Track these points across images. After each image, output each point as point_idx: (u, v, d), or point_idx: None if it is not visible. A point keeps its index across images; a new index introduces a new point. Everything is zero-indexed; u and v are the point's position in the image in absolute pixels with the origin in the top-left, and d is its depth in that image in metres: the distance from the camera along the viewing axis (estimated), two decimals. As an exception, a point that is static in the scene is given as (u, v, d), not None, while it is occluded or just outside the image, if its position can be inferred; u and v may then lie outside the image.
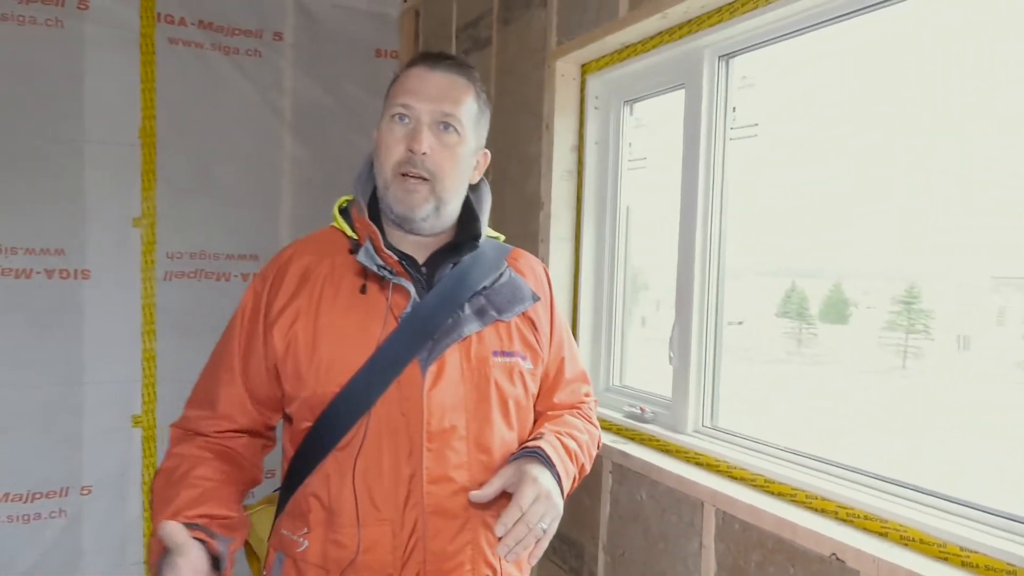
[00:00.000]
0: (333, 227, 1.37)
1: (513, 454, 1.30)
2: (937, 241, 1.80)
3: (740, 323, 2.92)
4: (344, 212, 1.36)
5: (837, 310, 2.50)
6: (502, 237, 1.44)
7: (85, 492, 3.03)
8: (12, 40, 2.86)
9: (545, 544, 1.19)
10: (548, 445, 1.29)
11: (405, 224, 1.29)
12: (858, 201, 2.02)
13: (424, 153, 1.24)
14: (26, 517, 2.93)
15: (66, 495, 3.00)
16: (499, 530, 1.14)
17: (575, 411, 1.46)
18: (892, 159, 1.84)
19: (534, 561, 1.19)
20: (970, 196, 1.63)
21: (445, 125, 1.27)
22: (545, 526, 1.19)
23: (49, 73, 2.92)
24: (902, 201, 1.85)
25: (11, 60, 2.86)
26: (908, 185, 1.82)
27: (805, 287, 2.62)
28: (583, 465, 1.40)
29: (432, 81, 1.27)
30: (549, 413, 1.42)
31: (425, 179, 1.25)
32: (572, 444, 1.35)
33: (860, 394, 2.45)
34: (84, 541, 3.04)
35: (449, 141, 1.27)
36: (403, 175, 1.25)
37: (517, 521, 1.15)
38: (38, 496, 2.95)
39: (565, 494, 1.28)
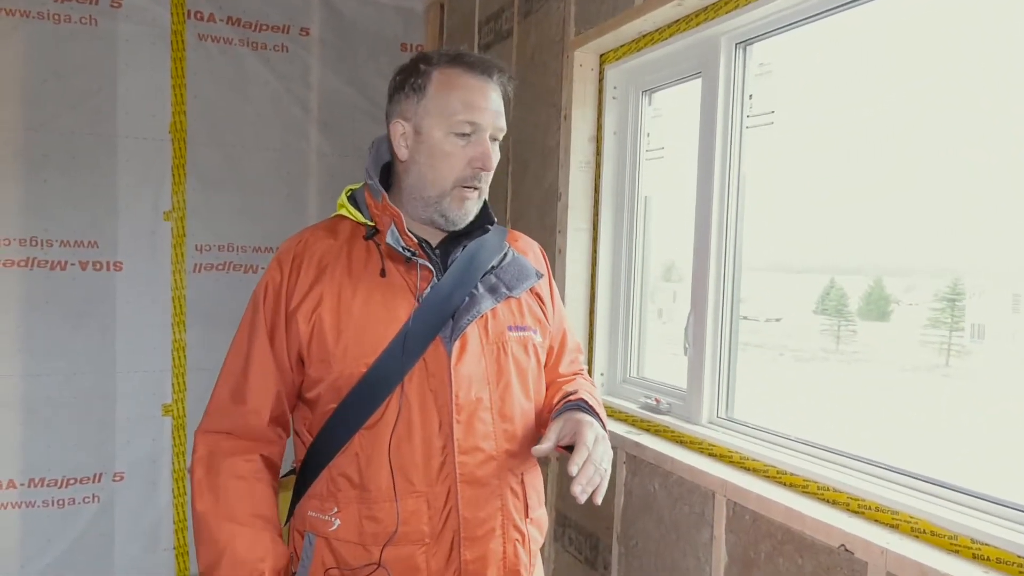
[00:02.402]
0: (339, 216, 1.40)
1: (556, 409, 1.36)
2: (984, 235, 1.74)
3: (778, 320, 2.89)
4: (352, 201, 1.39)
5: (878, 307, 2.46)
6: (495, 220, 1.46)
7: (118, 478, 3.12)
8: (48, 38, 2.95)
9: (606, 484, 1.23)
10: (587, 396, 1.37)
11: (450, 226, 1.34)
12: (891, 193, 1.97)
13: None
14: (61, 502, 3.03)
15: (99, 481, 3.09)
16: (572, 469, 1.18)
17: (579, 376, 1.53)
18: (927, 147, 1.79)
19: (599, 499, 1.22)
20: (1019, 186, 1.56)
21: (495, 137, 1.33)
22: (606, 466, 1.24)
23: (83, 70, 3.01)
24: (943, 192, 1.80)
25: (47, 58, 2.95)
26: (948, 175, 1.77)
27: (844, 284, 2.58)
28: (606, 417, 1.46)
29: (490, 96, 1.31)
30: (558, 380, 1.49)
31: (478, 188, 1.32)
32: (598, 398, 1.45)
33: (899, 392, 2.41)
34: (116, 526, 3.12)
35: (496, 151, 1.34)
36: (463, 187, 1.31)
37: (586, 461, 1.19)
38: (72, 481, 3.05)
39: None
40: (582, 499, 1.18)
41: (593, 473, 1.19)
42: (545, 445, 1.25)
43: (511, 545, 1.33)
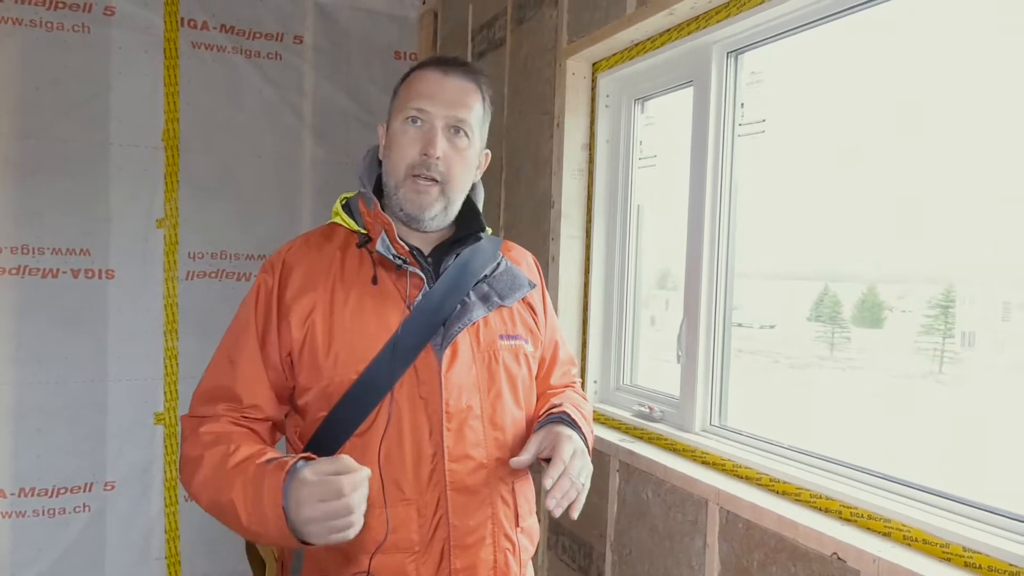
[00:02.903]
0: (333, 223, 1.40)
1: (539, 421, 1.36)
2: (975, 242, 1.74)
3: (772, 327, 2.89)
4: (346, 209, 1.39)
5: (872, 314, 2.46)
6: (490, 230, 1.46)
7: (109, 487, 3.10)
8: (41, 46, 2.95)
9: (583, 499, 1.23)
10: (571, 409, 1.37)
11: (413, 223, 1.34)
12: (883, 199, 1.98)
13: (438, 157, 1.30)
14: (51, 511, 3.01)
15: (90, 490, 3.07)
16: (547, 483, 1.19)
17: (570, 388, 1.53)
18: (919, 155, 1.80)
19: (576, 514, 1.22)
20: (1013, 193, 1.56)
21: (456, 129, 1.32)
22: (584, 480, 1.24)
23: (76, 78, 3.00)
24: (934, 199, 1.81)
25: (40, 65, 2.95)
26: (939, 182, 1.77)
27: (838, 291, 2.58)
28: (592, 431, 1.46)
29: (446, 86, 1.32)
30: (548, 392, 1.49)
31: (436, 181, 1.31)
32: (585, 411, 1.45)
33: (893, 399, 2.41)
34: (108, 535, 3.10)
35: (460, 145, 1.33)
36: (415, 176, 1.30)
37: (562, 474, 1.20)
38: (63, 491, 3.03)
39: (589, 454, 1.34)
40: (556, 513, 1.18)
41: (569, 487, 1.20)
42: (523, 458, 1.26)
43: (502, 554, 1.32)
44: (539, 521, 1.48)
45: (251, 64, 3.27)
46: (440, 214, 1.34)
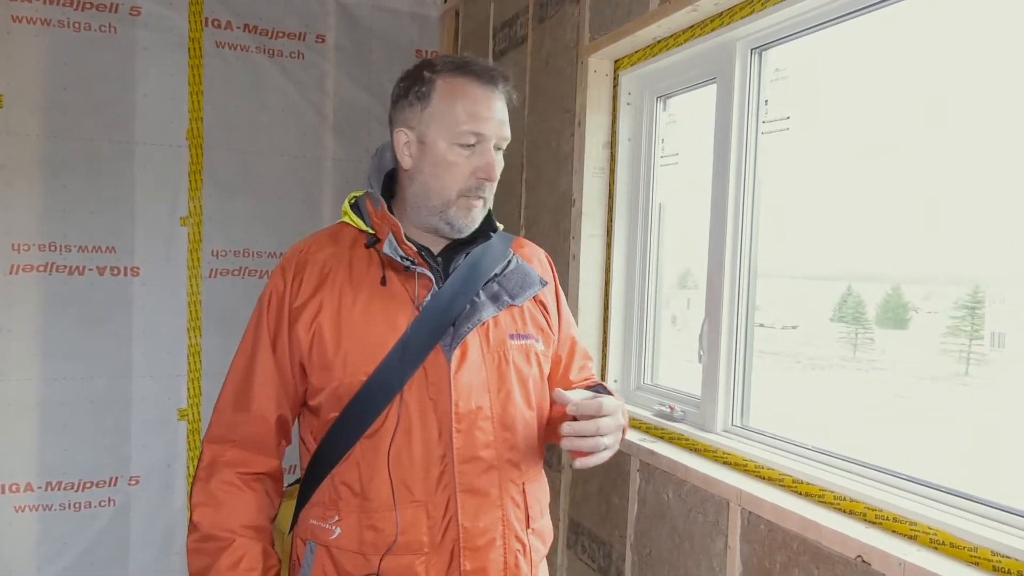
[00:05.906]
0: (343, 223, 1.39)
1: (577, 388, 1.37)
2: (1004, 241, 1.70)
3: (795, 327, 2.86)
4: (355, 208, 1.39)
5: (896, 315, 2.43)
6: (502, 227, 1.45)
7: (133, 482, 3.14)
8: (69, 46, 2.99)
9: (598, 459, 1.21)
10: (612, 390, 1.38)
11: (456, 234, 1.33)
12: (909, 198, 1.95)
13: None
14: (77, 505, 3.05)
15: (115, 485, 3.11)
16: (570, 409, 1.17)
17: (598, 385, 1.49)
18: (946, 152, 1.77)
19: (579, 465, 1.20)
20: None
21: (498, 147, 1.32)
22: (608, 443, 1.21)
23: (102, 77, 3.04)
24: (962, 198, 1.78)
25: (67, 65, 2.99)
26: (968, 180, 1.74)
27: (862, 291, 2.55)
28: (625, 426, 1.43)
29: (494, 105, 1.29)
30: (573, 388, 1.46)
31: (483, 197, 1.32)
32: (624, 408, 1.42)
33: (918, 401, 2.38)
34: (132, 530, 3.14)
35: (500, 159, 1.32)
36: (467, 197, 1.30)
37: (591, 416, 1.18)
38: (89, 485, 3.07)
39: (622, 438, 1.32)
40: (564, 447, 1.18)
41: (593, 432, 1.17)
42: (568, 395, 1.21)
43: (512, 556, 1.31)
44: (553, 522, 1.47)
45: (274, 63, 3.30)
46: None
